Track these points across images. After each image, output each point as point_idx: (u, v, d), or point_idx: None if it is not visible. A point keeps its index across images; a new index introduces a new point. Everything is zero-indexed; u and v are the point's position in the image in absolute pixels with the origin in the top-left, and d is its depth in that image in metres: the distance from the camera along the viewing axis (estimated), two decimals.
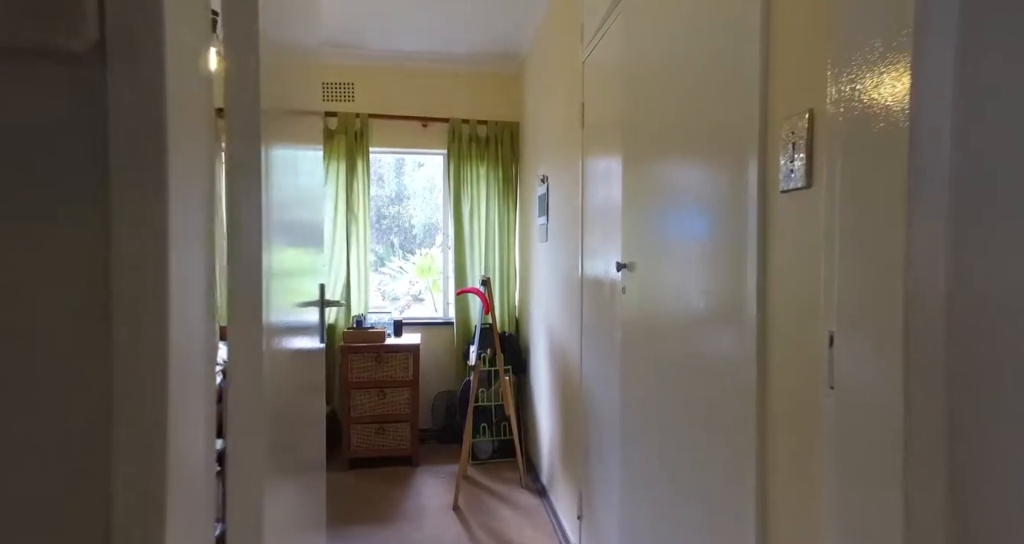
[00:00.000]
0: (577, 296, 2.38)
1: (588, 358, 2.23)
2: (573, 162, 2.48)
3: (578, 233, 2.35)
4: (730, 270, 1.10)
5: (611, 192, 1.90)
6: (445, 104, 4.10)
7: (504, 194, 4.13)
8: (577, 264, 2.37)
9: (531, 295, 3.71)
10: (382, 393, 3.57)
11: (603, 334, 2.00)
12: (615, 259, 1.79)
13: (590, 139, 2.21)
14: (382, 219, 7.85)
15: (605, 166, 2.00)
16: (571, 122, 2.51)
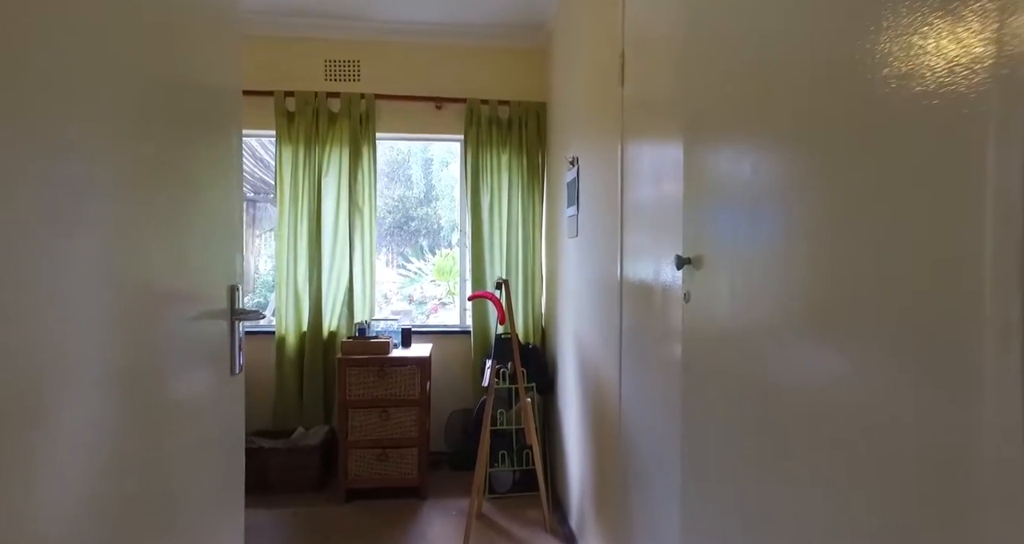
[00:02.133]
0: (615, 303, 1.83)
1: (630, 379, 1.69)
2: (610, 143, 1.94)
3: (616, 227, 1.81)
4: None
5: (664, 180, 1.37)
6: (462, 82, 3.61)
7: (529, 184, 3.61)
8: (615, 265, 1.83)
9: (558, 300, 3.17)
10: (385, 413, 3.09)
11: (651, 350, 1.46)
12: (668, 260, 1.26)
13: (632, 120, 1.69)
14: (410, 221, 7.51)
15: (654, 151, 1.48)
16: (607, 96, 1.98)
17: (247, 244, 6.61)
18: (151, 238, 0.80)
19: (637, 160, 1.63)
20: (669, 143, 1.35)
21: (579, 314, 2.58)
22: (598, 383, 2.14)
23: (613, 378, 1.88)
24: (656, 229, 1.43)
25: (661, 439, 1.36)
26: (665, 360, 1.34)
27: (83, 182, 0.64)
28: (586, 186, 2.41)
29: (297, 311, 3.44)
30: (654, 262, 1.44)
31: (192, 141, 0.92)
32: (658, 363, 1.40)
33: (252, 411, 3.62)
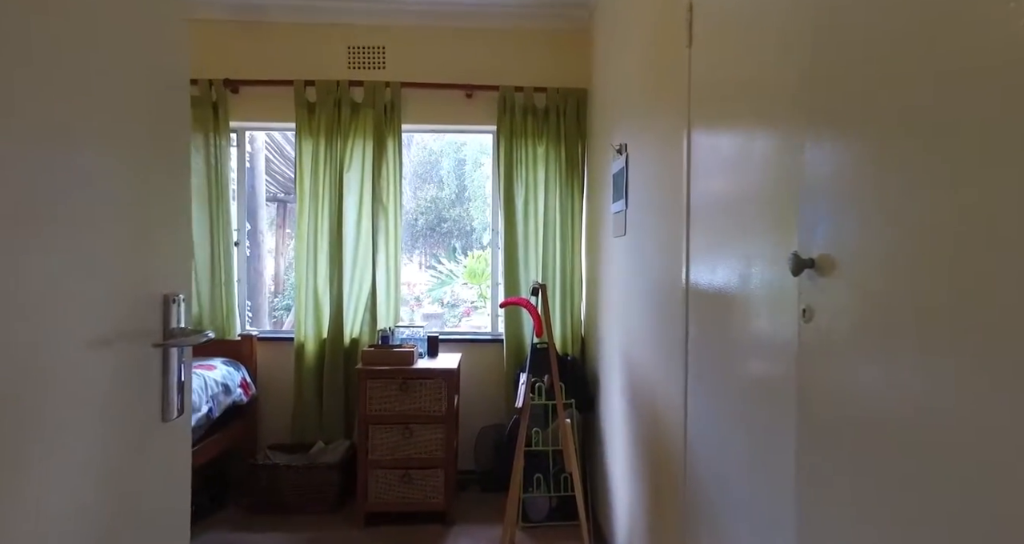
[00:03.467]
0: (677, 314, 1.49)
1: (701, 407, 1.35)
2: (671, 128, 1.61)
3: (680, 224, 1.47)
4: None
5: (755, 170, 1.03)
6: (494, 68, 3.31)
7: (567, 178, 3.28)
8: (678, 268, 1.49)
9: (601, 307, 2.83)
10: (408, 431, 2.80)
11: (737, 375, 1.12)
12: (767, 262, 0.93)
13: (705, 101, 1.36)
14: (442, 222, 7.29)
15: (741, 136, 1.15)
16: (668, 76, 1.66)
17: (277, 246, 6.50)
18: (29, 230, 0.53)
19: (712, 147, 1.29)
20: (768, 128, 1.01)
21: (627, 324, 2.24)
22: (654, 407, 1.80)
23: (675, 404, 1.53)
24: (744, 226, 1.09)
25: (753, 491, 1.02)
26: (761, 390, 1.00)
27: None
28: (637, 177, 2.07)
29: (317, 316, 3.20)
30: (740, 265, 1.10)
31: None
32: (748, 393, 1.06)
33: (270, 423, 3.42)
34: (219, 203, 3.15)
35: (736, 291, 1.11)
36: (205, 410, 2.61)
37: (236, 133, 3.38)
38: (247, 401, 3.03)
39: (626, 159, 2.20)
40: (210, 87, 3.13)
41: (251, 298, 4.24)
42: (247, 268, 3.69)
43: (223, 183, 3.16)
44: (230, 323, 3.18)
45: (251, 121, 3.28)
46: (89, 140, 0.63)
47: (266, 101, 3.22)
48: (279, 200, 6.33)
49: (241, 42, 3.22)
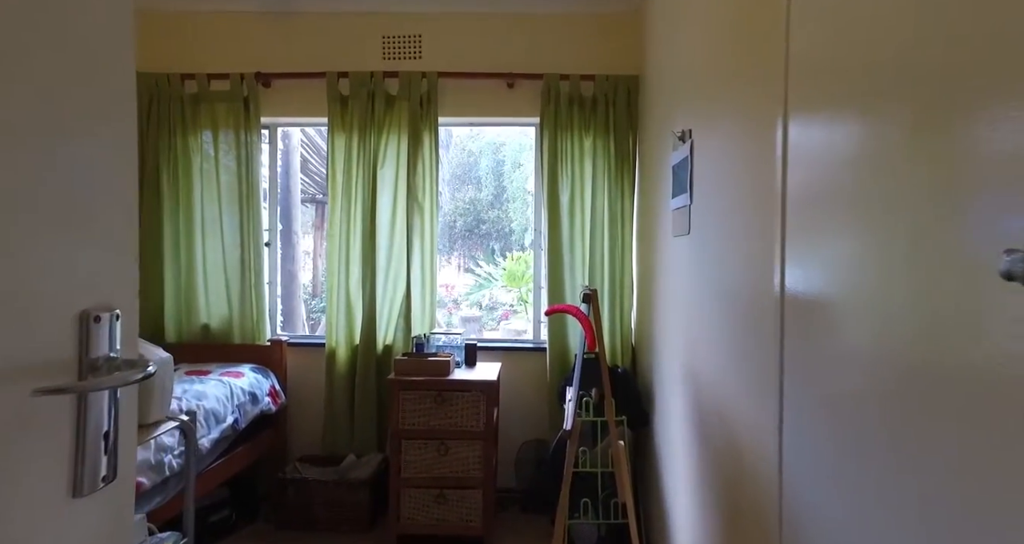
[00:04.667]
0: (768, 329, 1.21)
1: (807, 449, 1.07)
2: (757, 112, 1.33)
3: (772, 221, 1.19)
4: None
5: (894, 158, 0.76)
6: (538, 56, 3.07)
7: (617, 173, 3.01)
8: (768, 272, 1.21)
9: (656, 314, 2.54)
10: (443, 447, 2.58)
11: (876, 418, 0.83)
12: (928, 263, 0.65)
13: (807, 84, 1.07)
14: (481, 223, 7.12)
15: (877, 121, 0.85)
16: (750, 54, 1.39)
17: (315, 247, 6.44)
18: None
19: (825, 134, 1.01)
20: (884, 120, 0.73)
21: (691, 334, 1.95)
22: (731, 435, 1.51)
23: (765, 439, 1.25)
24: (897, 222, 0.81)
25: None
26: (924, 450, 0.72)
27: None
28: (706, 168, 1.79)
29: (349, 321, 3.03)
30: (884, 270, 0.82)
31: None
32: (902, 438, 0.78)
33: (300, 434, 3.23)
34: (249, 202, 3.02)
35: (878, 302, 0.83)
36: (230, 420, 2.46)
37: (268, 130, 3.25)
38: (276, 410, 2.88)
39: (690, 147, 1.92)
40: (241, 81, 3.01)
41: (284, 302, 4.13)
42: (280, 270, 3.57)
43: (254, 181, 3.03)
44: (260, 328, 3.04)
45: (283, 117, 3.14)
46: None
47: (298, 95, 3.07)
48: (317, 201, 6.26)
49: (272, 34, 3.09)
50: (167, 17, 3.10)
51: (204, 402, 2.34)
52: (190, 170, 3.02)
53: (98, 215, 0.53)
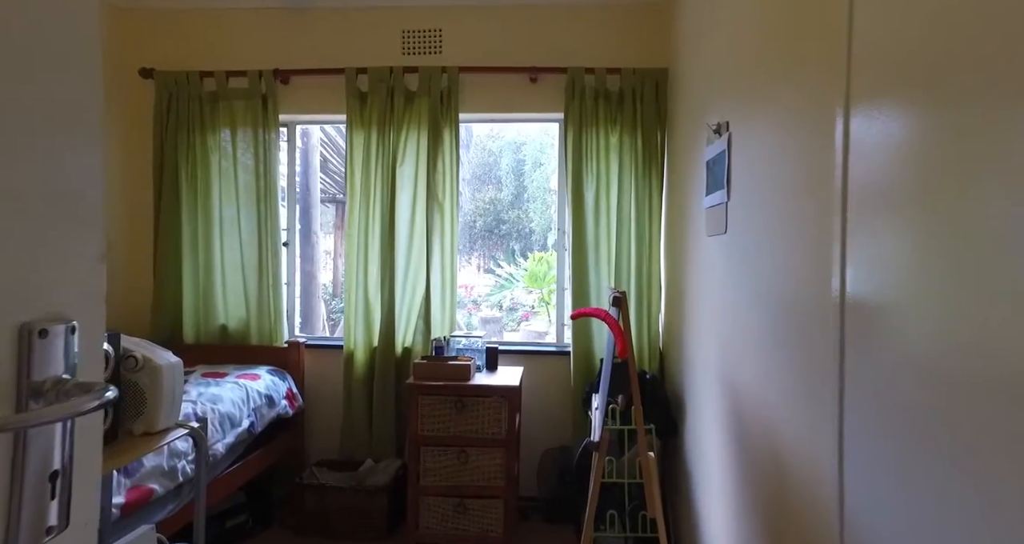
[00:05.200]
0: (824, 339, 1.09)
1: (870, 468, 0.95)
2: (811, 102, 1.21)
3: (831, 221, 1.07)
4: None
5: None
6: (562, 49, 2.96)
7: (644, 170, 2.88)
8: (825, 276, 1.08)
9: (687, 318, 2.42)
10: (464, 454, 2.49)
11: (954, 435, 0.71)
12: None
13: (873, 71, 0.95)
14: (501, 224, 7.04)
15: (937, 122, 0.73)
16: (801, 40, 1.26)
17: (335, 247, 6.42)
18: None
19: (896, 126, 0.88)
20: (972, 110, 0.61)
21: (728, 340, 1.83)
22: (778, 455, 1.39)
23: (821, 458, 1.12)
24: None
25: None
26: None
27: None
28: (746, 162, 1.66)
29: (367, 323, 2.96)
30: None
31: None
32: (993, 478, 0.66)
33: (318, 438, 3.14)
34: (267, 201, 2.97)
35: (958, 309, 0.71)
36: (246, 425, 2.40)
37: (286, 128, 3.20)
38: (293, 414, 2.82)
39: (728, 140, 1.79)
40: (260, 78, 2.96)
41: (303, 303, 4.08)
42: (299, 271, 3.52)
43: (272, 180, 2.97)
44: (277, 329, 2.98)
45: (301, 114, 3.08)
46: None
47: (317, 92, 3.01)
48: (338, 201, 6.24)
49: (291, 30, 3.03)
50: (186, 15, 3.06)
51: (219, 406, 2.28)
52: (208, 169, 2.98)
53: (46, 209, 0.44)
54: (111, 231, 3.05)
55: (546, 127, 3.89)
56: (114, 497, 1.71)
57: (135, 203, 3.10)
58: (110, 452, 1.35)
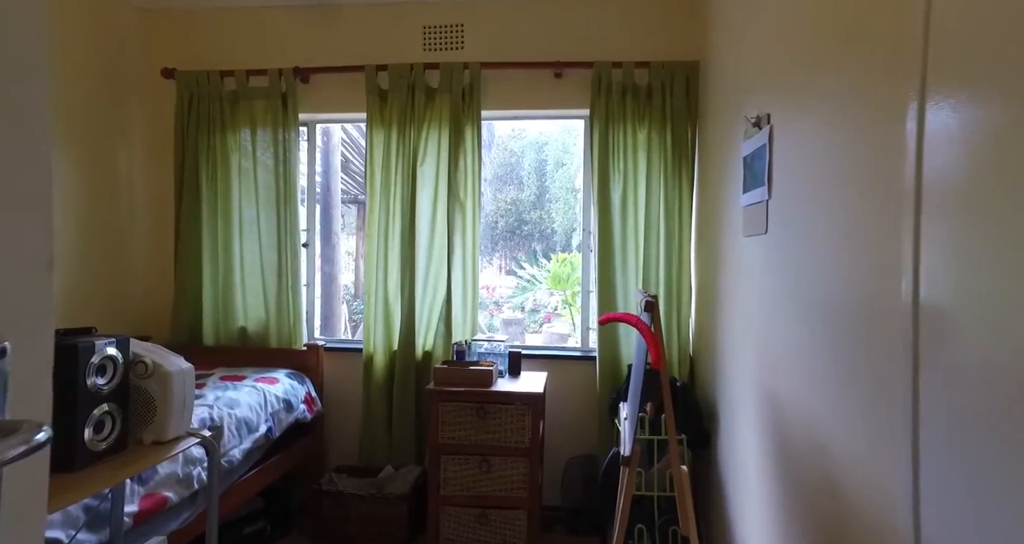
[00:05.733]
0: (892, 349, 0.97)
1: (955, 501, 0.82)
2: (879, 88, 1.09)
3: (902, 220, 0.95)
4: None
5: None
6: (587, 43, 2.86)
7: (674, 168, 2.76)
8: (893, 282, 0.97)
9: (720, 323, 2.29)
10: (486, 463, 2.40)
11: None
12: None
13: (954, 58, 0.83)
14: (523, 225, 6.96)
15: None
16: (859, 26, 1.14)
17: (357, 248, 6.40)
18: None
19: (985, 118, 0.76)
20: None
21: (768, 348, 1.70)
22: (832, 475, 1.27)
23: (886, 484, 1.00)
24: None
25: None
26: None
27: None
28: (791, 157, 1.54)
29: (387, 326, 2.89)
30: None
31: None
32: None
33: (337, 443, 3.01)
34: (287, 202, 2.92)
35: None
36: (264, 430, 2.35)
37: (306, 127, 3.16)
38: (311, 418, 2.77)
39: (769, 134, 1.67)
40: (279, 77, 2.91)
41: (323, 305, 4.05)
42: (320, 272, 3.48)
43: (291, 180, 2.93)
44: (296, 331, 2.93)
45: (321, 113, 3.04)
46: None
47: (336, 89, 2.96)
48: (360, 202, 6.22)
49: (311, 27, 2.98)
50: (207, 14, 3.04)
51: (236, 410, 2.23)
52: (228, 170, 2.95)
53: None
54: (133, 233, 3.04)
55: (569, 126, 3.78)
56: (127, 506, 1.66)
57: (157, 204, 3.09)
58: (117, 463, 1.29)
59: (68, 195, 2.66)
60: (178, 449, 1.39)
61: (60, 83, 2.61)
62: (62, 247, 2.63)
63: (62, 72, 2.61)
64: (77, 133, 2.71)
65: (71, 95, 2.67)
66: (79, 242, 2.72)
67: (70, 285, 2.67)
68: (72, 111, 2.68)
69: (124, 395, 1.34)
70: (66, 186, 2.65)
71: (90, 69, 2.77)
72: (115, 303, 2.93)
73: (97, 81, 2.81)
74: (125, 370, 1.34)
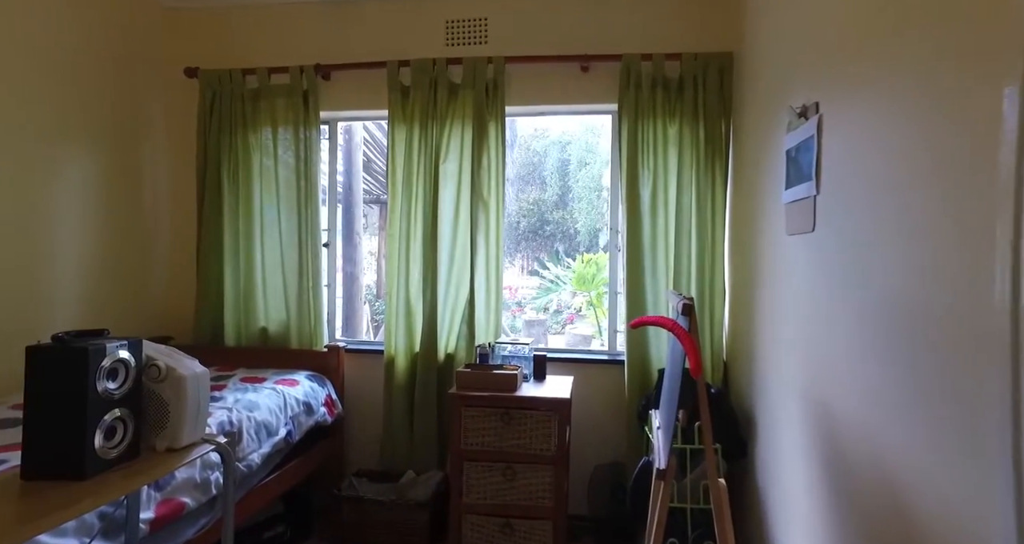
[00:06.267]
0: (983, 361, 0.85)
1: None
2: (959, 69, 0.98)
3: (985, 215, 0.83)
4: None
5: None
6: (615, 34, 2.76)
7: (707, 164, 2.64)
8: (983, 285, 0.85)
9: (759, 327, 2.17)
10: (510, 471, 2.32)
11: None
12: None
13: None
14: (545, 225, 6.87)
15: None
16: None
17: (379, 249, 6.37)
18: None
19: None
20: None
21: (818, 356, 1.58)
22: (903, 502, 1.14)
23: (983, 527, 0.89)
24: None
25: None
26: None
27: None
28: (844, 148, 1.42)
29: (408, 327, 2.82)
30: None
31: None
32: None
33: (358, 446, 2.91)
34: (308, 201, 2.88)
35: None
36: (283, 433, 2.30)
37: (328, 125, 3.11)
38: (332, 421, 2.71)
39: (817, 124, 1.55)
40: (301, 74, 2.87)
41: (344, 305, 4.01)
42: (341, 272, 3.43)
43: (312, 179, 2.88)
44: (317, 332, 2.89)
45: (343, 110, 2.98)
46: None
47: (358, 86, 2.90)
48: (382, 202, 6.20)
49: (332, 24, 2.94)
50: (230, 12, 3.02)
51: (256, 413, 2.18)
52: (250, 169, 2.92)
53: None
54: (156, 233, 3.03)
55: (592, 124, 3.68)
56: (143, 512, 1.61)
57: (180, 204, 3.08)
58: (129, 471, 1.23)
59: (92, 195, 2.65)
60: (192, 457, 1.33)
61: (85, 83, 2.60)
62: (85, 246, 2.62)
63: (87, 72, 2.60)
64: (101, 133, 2.70)
65: (96, 95, 2.66)
66: (103, 242, 2.71)
67: (93, 285, 2.66)
68: (97, 111, 2.68)
69: (137, 400, 1.28)
70: (90, 186, 2.64)
71: (115, 69, 2.76)
72: (137, 303, 2.91)
73: (122, 81, 2.80)
74: (138, 374, 1.28)
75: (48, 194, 2.45)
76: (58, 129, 2.49)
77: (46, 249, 2.44)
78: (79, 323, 2.57)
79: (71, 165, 2.56)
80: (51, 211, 2.46)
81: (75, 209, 2.57)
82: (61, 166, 2.51)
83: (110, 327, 2.77)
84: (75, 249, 2.57)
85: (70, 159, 2.55)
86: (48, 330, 2.43)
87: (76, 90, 2.57)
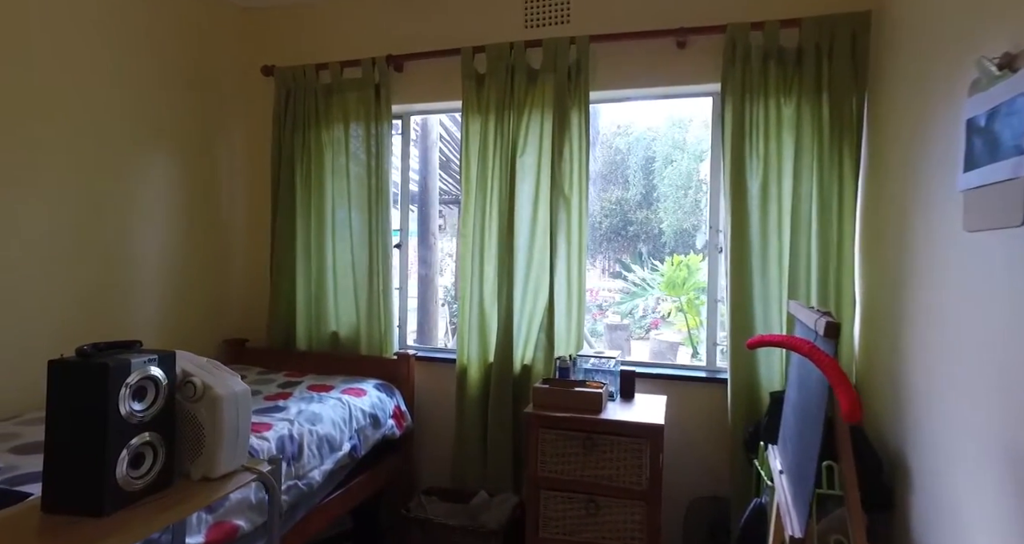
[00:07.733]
0: None
1: None
2: None
3: None
4: None
5: None
6: (718, 1, 2.38)
7: (833, 149, 2.21)
8: None
9: (913, 348, 1.73)
10: (593, 505, 2.02)
11: None
12: None
13: None
14: (628, 225, 6.49)
15: None
16: None
17: (456, 250, 6.27)
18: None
19: None
20: None
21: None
22: None
23: None
24: None
25: None
26: None
27: None
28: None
29: (482, 335, 2.59)
30: None
31: None
32: None
33: (428, 462, 2.63)
34: (378, 199, 2.73)
35: None
36: (347, 448, 2.14)
37: (400, 119, 2.96)
38: (400, 434, 2.53)
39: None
40: (372, 66, 2.73)
41: (419, 310, 3.87)
42: (416, 275, 3.28)
43: (383, 177, 2.73)
44: (387, 339, 2.73)
45: (415, 102, 2.81)
46: None
47: (431, 77, 2.72)
48: (460, 202, 6.08)
49: (404, 13, 2.78)
50: (303, 7, 2.94)
51: (318, 427, 2.03)
52: (322, 167, 2.82)
53: None
54: (233, 234, 3.01)
55: (680, 118, 3.29)
56: (192, 537, 1.47)
57: (255, 204, 3.05)
58: (157, 505, 1.07)
59: (171, 197, 2.65)
60: (228, 490, 1.16)
61: (164, 86, 2.59)
62: (165, 247, 2.61)
63: (167, 76, 2.60)
64: (180, 136, 2.69)
65: (180, 100, 2.67)
66: (183, 243, 2.70)
67: (174, 287, 2.65)
68: (182, 116, 2.69)
69: (170, 422, 1.12)
70: (170, 188, 2.64)
71: (197, 73, 2.76)
72: (216, 305, 2.90)
73: (204, 84, 2.80)
74: (170, 392, 1.12)
75: (136, 198, 2.48)
76: (151, 136, 2.54)
77: (130, 252, 2.45)
78: (160, 326, 2.56)
79: (157, 170, 2.58)
80: (138, 214, 2.47)
81: (159, 213, 2.59)
82: (148, 170, 2.53)
83: (190, 331, 2.79)
84: (155, 254, 2.57)
85: (157, 164, 2.58)
86: (129, 333, 2.43)
87: (165, 96, 2.59)
